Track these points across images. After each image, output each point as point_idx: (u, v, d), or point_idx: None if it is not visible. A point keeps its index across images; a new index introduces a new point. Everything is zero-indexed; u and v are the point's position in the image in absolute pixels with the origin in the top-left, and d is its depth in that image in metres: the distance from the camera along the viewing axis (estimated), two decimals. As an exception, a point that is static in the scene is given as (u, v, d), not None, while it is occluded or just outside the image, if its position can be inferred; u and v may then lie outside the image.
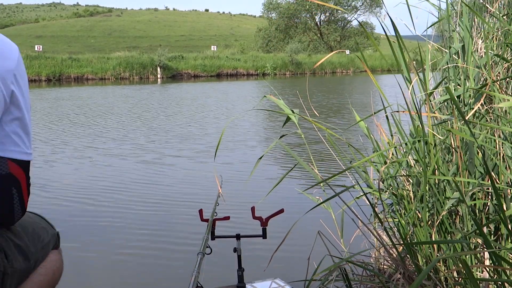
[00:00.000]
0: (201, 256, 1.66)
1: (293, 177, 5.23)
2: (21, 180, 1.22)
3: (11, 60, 1.15)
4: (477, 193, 1.94)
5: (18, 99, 1.16)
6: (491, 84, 1.95)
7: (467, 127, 1.57)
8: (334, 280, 1.76)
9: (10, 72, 1.14)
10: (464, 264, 1.22)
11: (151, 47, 54.19)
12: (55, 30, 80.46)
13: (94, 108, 13.63)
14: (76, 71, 28.73)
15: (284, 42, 48.07)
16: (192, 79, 30.12)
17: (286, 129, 6.66)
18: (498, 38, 2.35)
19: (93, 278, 3.14)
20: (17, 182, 1.21)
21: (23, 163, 1.21)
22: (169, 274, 3.16)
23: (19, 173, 1.20)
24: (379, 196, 2.00)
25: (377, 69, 35.60)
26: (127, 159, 6.84)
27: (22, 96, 1.18)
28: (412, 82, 2.02)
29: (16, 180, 1.20)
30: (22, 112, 1.18)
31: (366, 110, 11.18)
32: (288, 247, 2.21)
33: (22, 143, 1.20)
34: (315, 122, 2.22)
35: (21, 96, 1.17)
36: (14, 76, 1.15)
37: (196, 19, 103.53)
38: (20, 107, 1.17)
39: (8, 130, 1.16)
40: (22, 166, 1.21)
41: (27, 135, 1.22)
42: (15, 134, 1.18)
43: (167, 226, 4.10)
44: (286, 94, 16.93)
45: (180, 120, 11.20)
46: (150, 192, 5.16)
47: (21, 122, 1.19)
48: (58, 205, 4.62)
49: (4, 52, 1.14)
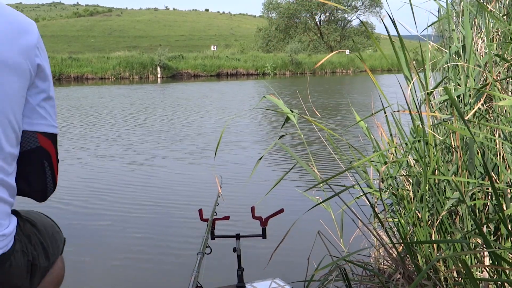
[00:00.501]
0: (201, 256, 1.66)
1: (293, 177, 5.23)
2: (52, 153, 1.21)
3: (33, 34, 1.15)
4: (477, 193, 1.94)
5: (44, 71, 1.17)
6: (492, 83, 1.95)
7: (467, 128, 1.57)
8: (334, 280, 1.76)
9: (34, 46, 1.14)
10: (463, 264, 1.22)
11: (151, 46, 54.18)
12: (55, 29, 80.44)
13: (88, 108, 13.62)
14: (76, 70, 28.73)
15: (284, 42, 48.05)
16: (192, 79, 30.11)
17: (285, 129, 6.66)
18: (498, 38, 2.34)
19: (93, 278, 3.14)
20: (48, 155, 1.19)
21: (52, 136, 1.20)
22: (169, 274, 3.16)
23: (49, 145, 1.19)
24: (379, 196, 2.00)
25: (377, 69, 35.59)
26: (126, 160, 6.84)
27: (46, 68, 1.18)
28: (412, 81, 2.01)
29: (47, 153, 1.19)
30: (47, 84, 1.18)
31: (366, 110, 11.18)
32: (288, 247, 2.21)
33: (49, 115, 1.19)
34: (315, 122, 2.22)
35: (45, 68, 1.17)
36: (37, 49, 1.15)
37: (196, 19, 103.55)
38: (45, 79, 1.17)
39: (34, 103, 1.16)
40: (51, 139, 1.20)
41: (53, 107, 1.21)
42: (41, 107, 1.17)
43: (167, 226, 4.10)
44: (286, 94, 16.93)
45: (179, 120, 11.20)
46: (150, 192, 5.16)
47: (47, 95, 1.19)
48: (53, 207, 4.62)
49: (25, 27, 1.14)
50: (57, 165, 1.23)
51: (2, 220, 1.08)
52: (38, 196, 1.23)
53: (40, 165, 1.19)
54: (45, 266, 1.27)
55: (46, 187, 1.22)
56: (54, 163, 1.22)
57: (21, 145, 1.16)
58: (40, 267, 1.23)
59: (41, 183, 1.21)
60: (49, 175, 1.21)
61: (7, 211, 1.10)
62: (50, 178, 1.22)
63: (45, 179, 1.21)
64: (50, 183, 1.22)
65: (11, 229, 1.11)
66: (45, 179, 1.21)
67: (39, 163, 1.19)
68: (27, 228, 1.21)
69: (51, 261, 1.31)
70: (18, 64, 1.09)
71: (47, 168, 1.20)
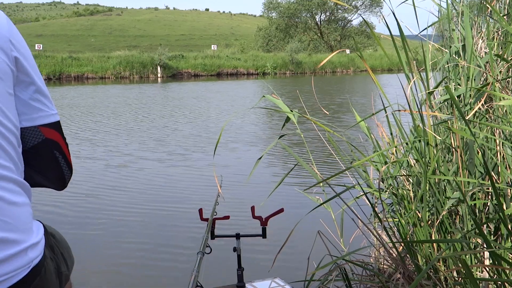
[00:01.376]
0: (201, 255, 1.66)
1: (293, 177, 5.22)
2: (59, 141, 1.20)
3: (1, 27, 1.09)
4: (477, 193, 1.94)
5: (23, 64, 1.13)
6: (492, 83, 1.94)
7: (468, 127, 1.57)
8: (334, 280, 1.76)
9: (6, 38, 1.09)
10: (463, 263, 1.22)
11: (151, 46, 54.15)
12: (55, 29, 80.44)
13: (83, 108, 13.62)
14: (76, 70, 28.71)
15: (284, 41, 48.02)
16: (192, 79, 30.10)
17: (285, 129, 6.66)
18: (498, 38, 2.34)
19: (93, 278, 3.14)
20: (56, 144, 1.19)
21: (54, 124, 1.19)
22: (169, 273, 3.16)
23: (55, 135, 1.18)
24: (379, 196, 2.00)
25: (377, 68, 35.58)
26: (125, 160, 6.84)
27: (26, 59, 1.14)
28: (412, 81, 2.01)
29: (55, 143, 1.18)
30: (31, 76, 1.15)
31: (366, 109, 11.18)
32: (288, 246, 2.20)
33: (44, 106, 1.17)
34: (315, 121, 2.22)
35: (25, 60, 1.13)
36: (10, 41, 1.10)
37: (197, 18, 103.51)
38: (27, 72, 1.14)
39: (26, 98, 1.14)
40: (55, 127, 1.19)
41: (46, 97, 1.18)
42: (34, 100, 1.15)
43: (167, 226, 4.10)
44: (288, 95, 16.92)
45: (179, 120, 11.20)
46: (150, 192, 5.16)
47: (35, 86, 1.16)
48: (58, 206, 4.62)
49: None
50: (68, 149, 1.23)
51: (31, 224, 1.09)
52: (57, 185, 1.23)
53: (52, 156, 1.18)
54: (66, 274, 1.27)
55: (63, 175, 1.22)
56: (65, 149, 1.21)
57: (27, 142, 1.15)
58: (64, 274, 1.23)
59: (58, 172, 1.21)
60: (63, 163, 1.21)
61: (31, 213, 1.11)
62: (65, 165, 1.22)
63: (60, 168, 1.21)
64: (66, 170, 1.22)
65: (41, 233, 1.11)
66: (60, 168, 1.21)
67: (50, 155, 1.18)
68: (50, 238, 1.22)
69: (70, 271, 1.32)
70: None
71: (59, 157, 1.20)
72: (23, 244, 1.03)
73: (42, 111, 1.17)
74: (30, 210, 1.09)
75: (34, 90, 1.16)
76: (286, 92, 17.87)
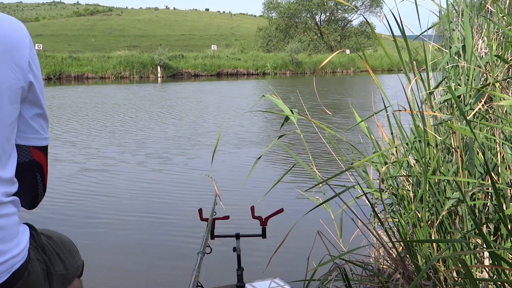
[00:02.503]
0: (201, 255, 1.66)
1: (292, 177, 5.22)
2: (44, 164, 1.22)
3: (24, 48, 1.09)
4: (477, 193, 1.94)
5: (34, 86, 1.15)
6: (492, 83, 1.94)
7: (468, 127, 1.57)
8: (334, 280, 1.76)
9: (26, 61, 1.10)
10: (463, 264, 1.22)
11: (152, 46, 54.14)
12: (55, 29, 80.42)
13: (75, 108, 13.62)
14: (76, 70, 28.69)
15: (284, 41, 47.99)
16: (193, 78, 30.09)
17: (285, 129, 6.66)
18: (498, 39, 2.34)
19: (93, 279, 3.14)
20: (40, 166, 1.21)
21: (44, 148, 1.22)
22: (169, 273, 3.16)
23: (41, 158, 1.21)
24: (380, 196, 2.00)
25: (377, 69, 35.58)
26: (125, 160, 6.84)
27: (38, 81, 1.16)
28: (412, 81, 2.01)
29: (39, 165, 1.21)
30: (38, 97, 1.17)
31: (367, 110, 11.18)
32: (288, 246, 2.20)
33: (41, 128, 1.20)
34: (315, 122, 2.22)
35: (37, 82, 1.15)
36: (29, 64, 1.11)
37: (197, 19, 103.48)
38: (36, 93, 1.16)
39: (27, 117, 1.16)
40: (43, 151, 1.22)
41: (46, 121, 1.21)
42: (34, 121, 1.17)
43: (167, 226, 4.10)
44: (285, 94, 16.92)
45: (179, 119, 11.20)
46: (150, 192, 5.16)
47: (40, 110, 1.18)
48: (55, 211, 4.62)
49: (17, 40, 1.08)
50: (47, 171, 1.25)
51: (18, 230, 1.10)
52: (30, 204, 1.24)
53: (33, 177, 1.21)
54: (63, 273, 1.28)
55: (37, 197, 1.24)
56: (45, 172, 1.24)
57: None
58: (56, 274, 1.24)
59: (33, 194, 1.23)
60: (40, 186, 1.23)
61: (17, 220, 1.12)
62: (41, 187, 1.24)
63: (37, 190, 1.23)
64: (41, 192, 1.24)
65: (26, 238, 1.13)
66: (37, 190, 1.23)
67: (31, 176, 1.20)
68: (41, 239, 1.24)
69: (69, 270, 1.33)
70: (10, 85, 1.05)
71: (39, 180, 1.22)
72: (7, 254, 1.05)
73: (38, 133, 1.19)
74: (17, 219, 1.11)
75: (38, 113, 1.18)
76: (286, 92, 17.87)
